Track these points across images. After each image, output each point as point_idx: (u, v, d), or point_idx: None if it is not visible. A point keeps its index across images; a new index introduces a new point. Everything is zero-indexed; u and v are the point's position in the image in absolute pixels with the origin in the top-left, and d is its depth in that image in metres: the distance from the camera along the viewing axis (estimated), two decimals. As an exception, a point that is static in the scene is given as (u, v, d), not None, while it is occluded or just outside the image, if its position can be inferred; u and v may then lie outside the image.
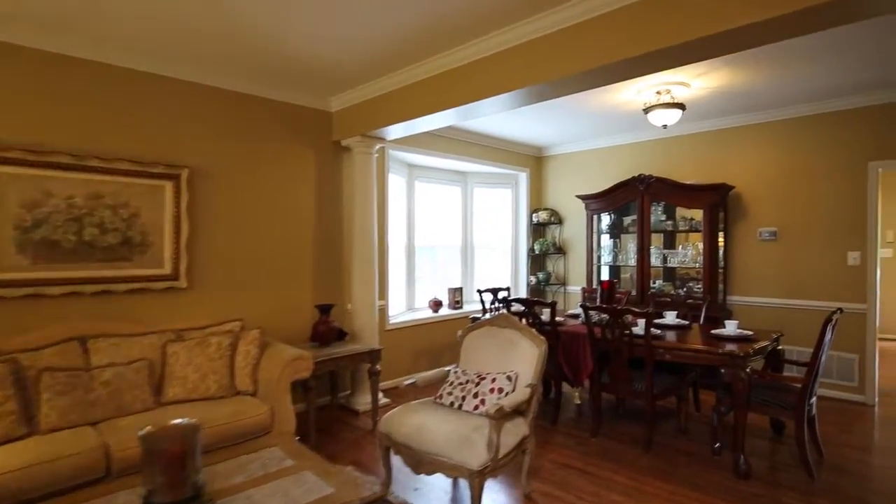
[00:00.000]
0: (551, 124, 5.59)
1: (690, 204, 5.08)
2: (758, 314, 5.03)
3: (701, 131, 5.40)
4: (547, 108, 4.92)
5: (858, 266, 4.50)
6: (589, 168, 6.34)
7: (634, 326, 3.56)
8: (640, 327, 3.52)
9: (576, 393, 4.13)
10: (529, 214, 6.67)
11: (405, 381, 3.07)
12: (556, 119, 5.36)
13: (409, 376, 4.97)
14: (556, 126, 5.67)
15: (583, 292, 5.52)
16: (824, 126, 4.67)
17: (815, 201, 4.72)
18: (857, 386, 4.53)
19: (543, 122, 5.53)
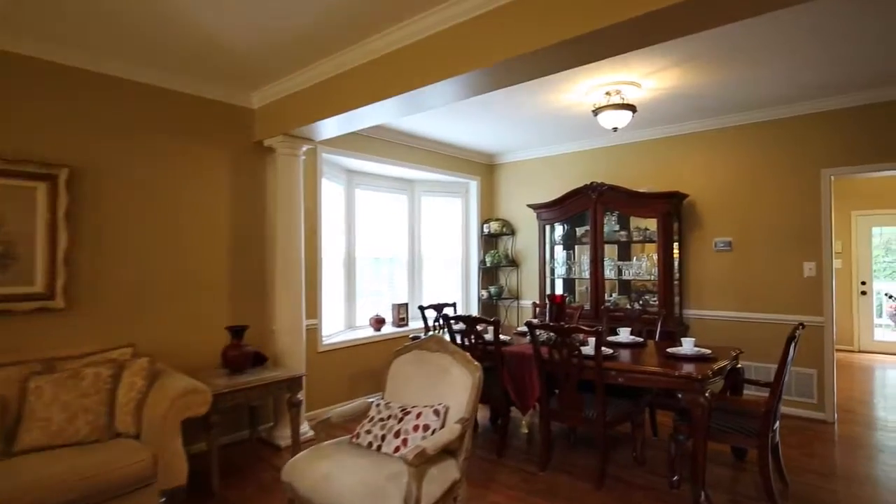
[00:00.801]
0: (502, 130, 5.28)
1: (644, 213, 4.84)
2: (714, 328, 4.80)
3: (654, 138, 5.19)
4: (497, 113, 4.60)
5: (814, 277, 4.33)
6: (542, 176, 6.05)
7: (584, 346, 3.21)
8: (591, 347, 3.17)
9: (523, 421, 3.75)
10: (480, 225, 6.32)
11: (337, 410, 2.61)
12: (506, 124, 5.04)
13: (345, 403, 4.49)
14: (507, 132, 5.36)
15: (534, 308, 5.18)
16: (777, 133, 4.52)
17: (770, 210, 4.55)
18: (816, 403, 4.32)
19: (494, 128, 5.21)
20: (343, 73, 3.28)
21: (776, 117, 4.50)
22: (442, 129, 5.24)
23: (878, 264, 7.78)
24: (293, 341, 3.88)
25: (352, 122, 3.52)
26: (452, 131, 5.35)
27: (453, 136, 5.52)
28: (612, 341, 3.70)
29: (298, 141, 3.90)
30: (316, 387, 4.37)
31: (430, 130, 5.29)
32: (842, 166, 4.21)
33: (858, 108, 4.14)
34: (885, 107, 4.03)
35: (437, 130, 5.30)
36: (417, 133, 5.36)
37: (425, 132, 5.35)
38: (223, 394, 3.07)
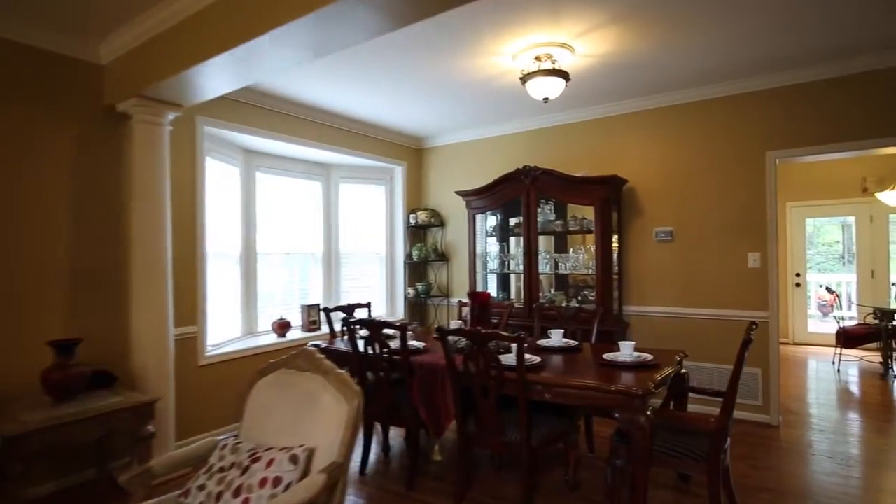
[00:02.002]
0: (429, 108, 4.67)
1: (581, 200, 4.36)
2: (657, 326, 4.40)
3: (593, 118, 4.74)
4: (421, 87, 3.99)
5: (759, 269, 3.98)
6: (475, 161, 5.48)
7: (506, 354, 2.66)
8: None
9: (436, 447, 3.15)
10: (407, 216, 5.69)
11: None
12: (433, 101, 4.44)
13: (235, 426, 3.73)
14: (434, 110, 4.75)
15: (459, 307, 4.60)
16: (720, 112, 4.15)
17: (713, 196, 4.18)
18: (761, 405, 3.99)
19: (420, 106, 4.60)
20: (207, 5, 2.55)
21: (719, 95, 4.13)
22: (362, 105, 4.57)
23: (811, 256, 7.77)
24: (156, 354, 3.11)
25: (225, 75, 2.78)
26: (374, 109, 4.69)
27: (375, 114, 4.86)
28: (542, 346, 3.17)
29: (161, 106, 3.12)
30: (194, 408, 3.61)
31: (348, 107, 4.60)
32: (787, 148, 3.88)
33: (805, 86, 3.82)
34: (832, 84, 3.72)
35: (357, 107, 4.63)
36: (334, 110, 4.66)
37: (343, 109, 4.66)
38: (30, 433, 2.28)
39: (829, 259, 8.86)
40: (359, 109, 4.72)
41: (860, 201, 6.82)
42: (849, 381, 5.36)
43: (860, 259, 7.07)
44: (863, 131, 3.62)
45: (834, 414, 4.26)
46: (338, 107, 4.61)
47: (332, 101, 4.43)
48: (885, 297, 6.68)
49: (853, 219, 7.12)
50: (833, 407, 4.46)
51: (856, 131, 3.65)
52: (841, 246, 8.72)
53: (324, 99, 4.37)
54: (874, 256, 6.92)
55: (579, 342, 3.35)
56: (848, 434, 3.77)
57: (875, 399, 4.68)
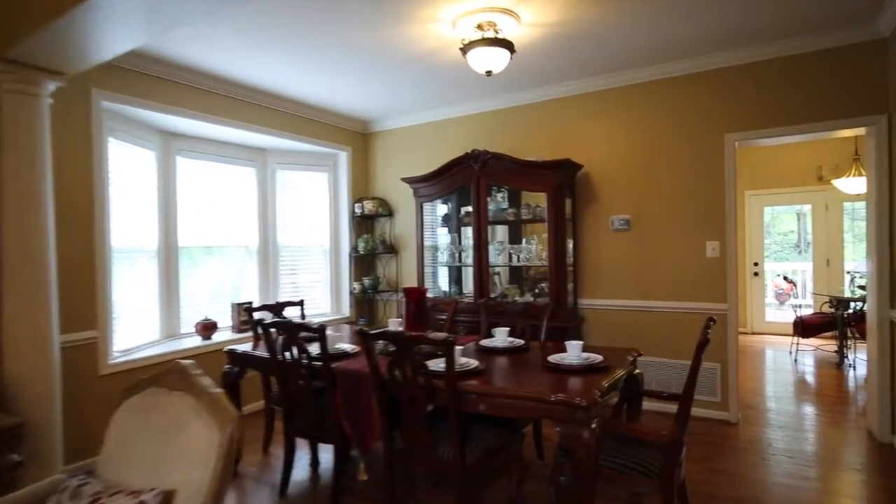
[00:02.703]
0: (373, 88, 4.30)
1: (533, 186, 4.07)
2: (613, 320, 4.16)
3: (547, 99, 4.44)
4: (363, 67, 3.62)
5: (718, 258, 3.78)
6: (426, 146, 5.12)
7: (436, 359, 2.33)
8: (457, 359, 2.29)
9: (360, 466, 2.81)
10: (352, 205, 5.29)
11: None
12: (377, 81, 4.09)
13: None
14: (379, 91, 4.38)
15: (399, 305, 4.24)
16: (678, 92, 3.91)
17: (671, 182, 3.95)
18: (720, 401, 3.80)
19: (363, 86, 4.23)
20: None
21: (677, 73, 3.88)
22: (300, 85, 4.18)
23: (768, 245, 7.75)
24: (35, 365, 2.65)
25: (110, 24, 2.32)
26: (313, 89, 4.29)
27: (315, 95, 4.45)
28: (485, 347, 2.86)
29: (36, 73, 2.63)
30: (92, 424, 3.16)
31: (285, 87, 4.20)
32: (747, 130, 3.67)
33: (764, 64, 3.61)
34: (791, 62, 3.52)
35: (294, 87, 4.23)
36: (269, 89, 4.24)
37: (279, 88, 4.24)
38: None
39: (785, 248, 8.92)
40: (297, 89, 4.30)
41: (816, 189, 6.79)
42: (806, 371, 5.28)
43: (816, 247, 7.06)
44: (823, 113, 3.43)
45: (792, 408, 4.13)
46: (273, 86, 4.18)
47: (265, 79, 4.00)
48: (839, 285, 6.68)
49: (809, 207, 7.10)
50: (791, 400, 4.33)
51: (815, 113, 3.45)
52: (796, 235, 8.78)
53: (257, 77, 3.94)
54: (829, 245, 6.91)
55: (527, 341, 3.06)
56: (805, 430, 3.62)
57: (831, 390, 4.58)
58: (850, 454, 3.21)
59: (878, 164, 3.29)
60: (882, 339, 3.30)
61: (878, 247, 3.30)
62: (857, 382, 4.84)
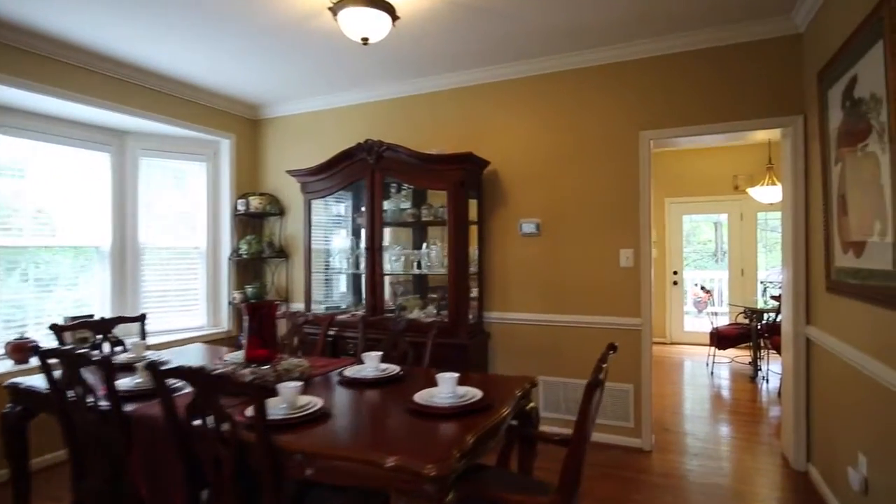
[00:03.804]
0: (265, 67, 3.71)
1: (432, 183, 3.56)
2: (521, 336, 3.73)
3: (453, 87, 3.96)
4: (255, 43, 2.98)
5: (631, 268, 3.42)
6: (325, 136, 4.47)
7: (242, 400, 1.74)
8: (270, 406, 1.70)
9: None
10: (235, 201, 4.57)
11: None
12: (269, 58, 3.51)
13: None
14: (272, 71, 3.78)
15: (288, 322, 3.56)
16: (592, 85, 3.54)
17: (584, 183, 3.57)
18: (632, 427, 3.44)
19: (254, 64, 3.64)
20: None
21: (591, 63, 3.52)
22: (180, 60, 3.47)
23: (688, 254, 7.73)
24: None
25: None
26: (192, 63, 3.61)
27: (195, 71, 3.77)
28: (350, 377, 2.29)
29: None
30: None
31: (151, 58, 3.50)
32: (661, 128, 3.35)
33: (681, 56, 3.30)
34: (712, 55, 3.23)
35: (173, 62, 3.52)
36: (130, 60, 3.51)
37: (144, 60, 3.53)
38: None
39: (704, 256, 9.01)
40: (169, 63, 3.61)
41: (732, 199, 6.77)
42: (722, 385, 5.11)
43: (731, 257, 7.06)
44: (739, 112, 3.15)
45: (707, 429, 3.85)
46: (136, 57, 3.46)
47: (128, 49, 3.29)
48: (753, 294, 6.68)
49: (726, 216, 7.09)
50: (706, 420, 4.07)
51: (732, 111, 3.17)
52: (714, 244, 8.89)
53: (116, 45, 3.25)
54: (744, 254, 6.92)
55: (410, 366, 2.53)
56: (721, 458, 3.32)
57: (746, 407, 4.38)
58: (767, 487, 2.92)
59: (794, 167, 3.04)
60: (797, 356, 3.04)
61: (794, 256, 3.05)
62: (770, 396, 4.70)
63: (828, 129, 2.52)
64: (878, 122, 1.93)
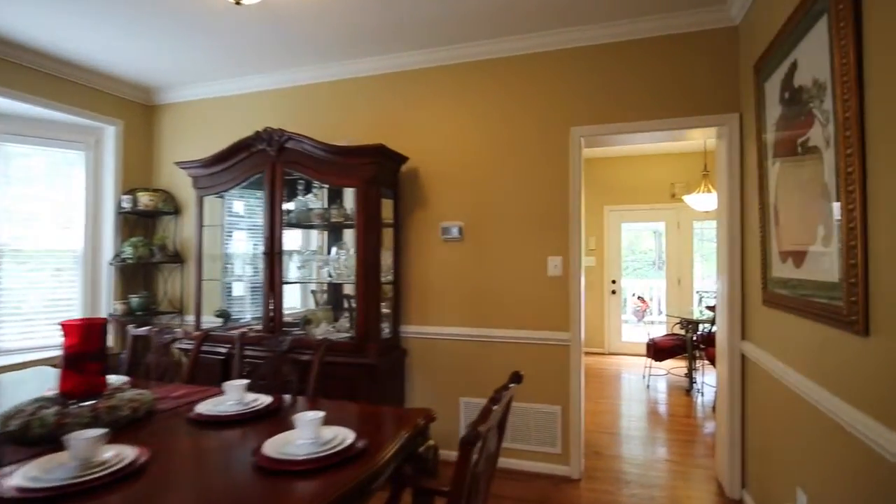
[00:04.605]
0: (160, 44, 3.14)
1: (341, 178, 3.12)
2: (443, 353, 3.34)
3: (371, 74, 3.55)
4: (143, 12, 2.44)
5: (560, 277, 3.11)
6: (231, 125, 3.90)
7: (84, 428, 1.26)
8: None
9: None
10: (120, 197, 3.96)
11: None
12: (161, 34, 2.91)
13: None
14: (168, 49, 3.23)
15: (154, 339, 2.98)
16: (521, 76, 3.23)
17: (510, 183, 3.24)
18: (559, 453, 3.11)
19: (146, 39, 3.05)
20: None
21: (517, 52, 3.20)
22: (48, 28, 2.86)
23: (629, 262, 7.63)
24: None
25: None
26: (69, 35, 2.99)
27: (73, 45, 3.16)
28: (202, 415, 1.82)
29: None
30: None
31: (15, 26, 2.84)
32: (593, 124, 3.06)
33: (614, 47, 3.04)
34: (646, 46, 2.98)
35: (37, 29, 2.89)
36: None
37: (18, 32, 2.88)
38: None
39: (644, 265, 8.99)
40: (40, 34, 2.98)
41: (669, 207, 6.70)
42: (657, 400, 4.92)
43: (669, 266, 6.98)
44: (674, 108, 2.92)
45: (641, 451, 3.59)
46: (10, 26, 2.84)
47: None
48: (690, 305, 6.61)
49: (663, 224, 7.02)
50: (640, 440, 3.82)
51: (666, 108, 2.93)
52: (654, 252, 8.89)
53: None
54: (681, 263, 6.86)
55: (294, 395, 2.09)
56: (653, 485, 3.04)
57: (681, 423, 4.18)
58: (700, 519, 2.65)
59: (729, 170, 2.82)
60: (732, 374, 2.81)
61: (729, 265, 2.82)
62: (706, 410, 4.54)
63: (765, 126, 2.29)
64: (821, 112, 1.67)
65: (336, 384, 2.91)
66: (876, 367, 1.41)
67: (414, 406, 3.37)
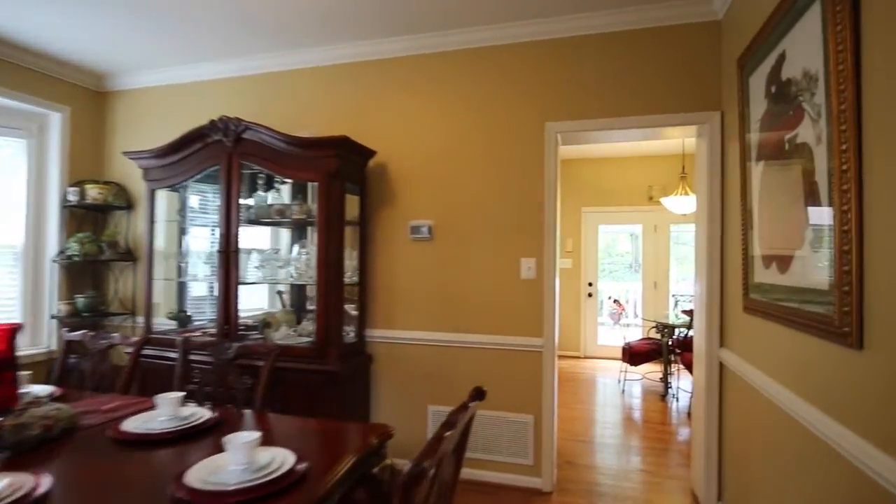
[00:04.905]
0: (112, 20, 2.86)
1: (301, 172, 2.91)
2: (409, 359, 3.16)
3: (340, 62, 3.35)
4: None
5: (533, 280, 2.97)
6: (190, 115, 3.65)
7: None
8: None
9: None
10: (65, 190, 3.67)
11: None
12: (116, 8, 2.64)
13: None
14: (120, 25, 2.95)
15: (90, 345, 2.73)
16: (493, 66, 3.07)
17: (482, 180, 3.08)
18: (531, 464, 2.96)
19: (99, 19, 2.75)
20: None
21: (491, 42, 3.05)
22: None
23: (606, 265, 7.56)
24: None
25: None
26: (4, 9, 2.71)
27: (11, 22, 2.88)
28: (128, 433, 1.61)
29: None
30: None
31: None
32: (570, 120, 2.93)
33: (592, 39, 2.90)
34: (625, 39, 2.85)
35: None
36: None
37: None
38: None
39: (621, 268, 8.94)
40: None
41: (646, 209, 6.65)
42: (632, 405, 4.82)
43: (645, 269, 6.93)
44: (653, 105, 2.80)
45: (615, 460, 3.47)
46: None
47: None
48: (665, 308, 6.56)
49: (640, 227, 6.97)
50: (615, 448, 3.70)
51: (645, 104, 2.81)
52: (631, 255, 8.85)
53: None
54: (657, 267, 6.81)
55: (241, 407, 1.89)
56: (626, 497, 2.91)
57: (656, 431, 4.08)
58: (675, 536, 2.53)
59: (710, 171, 2.71)
60: (709, 383, 2.69)
61: (709, 270, 2.71)
62: (681, 416, 4.46)
63: (748, 125, 2.17)
64: (812, 106, 1.55)
65: (295, 393, 2.72)
66: (870, 384, 1.28)
67: (379, 415, 3.19)
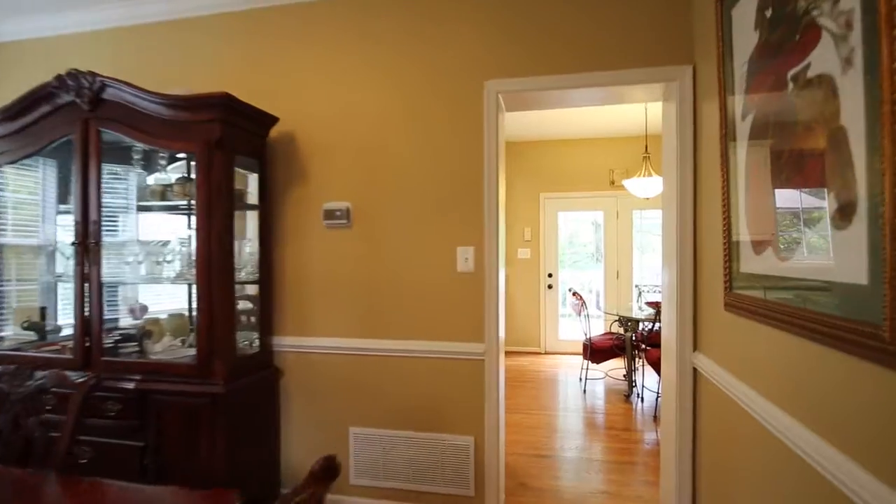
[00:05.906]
0: None
1: (174, 141, 2.28)
2: (326, 372, 2.60)
3: (231, 10, 2.73)
4: None
5: (472, 274, 2.44)
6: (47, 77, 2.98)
7: None
8: None
9: None
10: None
11: None
12: None
13: None
14: None
15: None
16: (422, 16, 2.52)
17: (412, 153, 2.53)
18: (472, 495, 2.46)
19: None
20: None
21: (420, -18, 2.49)
22: None
23: (569, 255, 7.14)
24: None
25: None
26: None
27: None
28: None
29: None
30: None
31: None
32: (514, 77, 2.40)
33: None
34: (575, -21, 2.34)
35: None
36: None
37: None
38: None
39: (584, 257, 8.56)
40: None
41: (608, 195, 6.25)
42: (594, 408, 4.40)
43: (607, 258, 6.55)
44: (611, 58, 2.30)
45: (573, 477, 3.01)
46: None
47: None
48: (629, 300, 6.19)
49: (602, 214, 6.56)
50: (575, 464, 3.25)
51: (603, 57, 2.31)
52: (594, 244, 8.48)
53: None
54: (619, 256, 6.43)
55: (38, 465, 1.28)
56: (588, 530, 2.45)
57: (619, 439, 3.65)
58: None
59: (680, 141, 2.24)
60: (682, 393, 2.24)
61: (679, 260, 2.25)
62: (646, 418, 4.07)
63: (731, 69, 1.69)
64: (834, 17, 1.06)
65: (172, 423, 2.14)
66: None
67: (290, 442, 2.63)
